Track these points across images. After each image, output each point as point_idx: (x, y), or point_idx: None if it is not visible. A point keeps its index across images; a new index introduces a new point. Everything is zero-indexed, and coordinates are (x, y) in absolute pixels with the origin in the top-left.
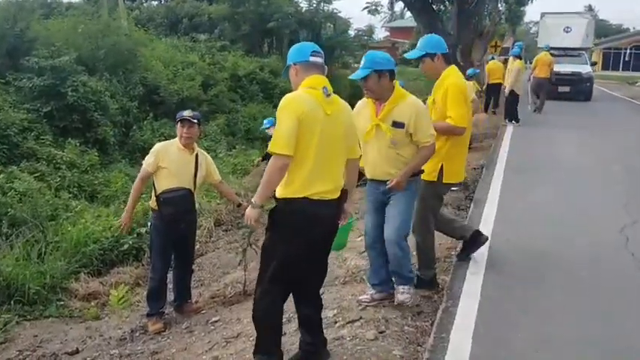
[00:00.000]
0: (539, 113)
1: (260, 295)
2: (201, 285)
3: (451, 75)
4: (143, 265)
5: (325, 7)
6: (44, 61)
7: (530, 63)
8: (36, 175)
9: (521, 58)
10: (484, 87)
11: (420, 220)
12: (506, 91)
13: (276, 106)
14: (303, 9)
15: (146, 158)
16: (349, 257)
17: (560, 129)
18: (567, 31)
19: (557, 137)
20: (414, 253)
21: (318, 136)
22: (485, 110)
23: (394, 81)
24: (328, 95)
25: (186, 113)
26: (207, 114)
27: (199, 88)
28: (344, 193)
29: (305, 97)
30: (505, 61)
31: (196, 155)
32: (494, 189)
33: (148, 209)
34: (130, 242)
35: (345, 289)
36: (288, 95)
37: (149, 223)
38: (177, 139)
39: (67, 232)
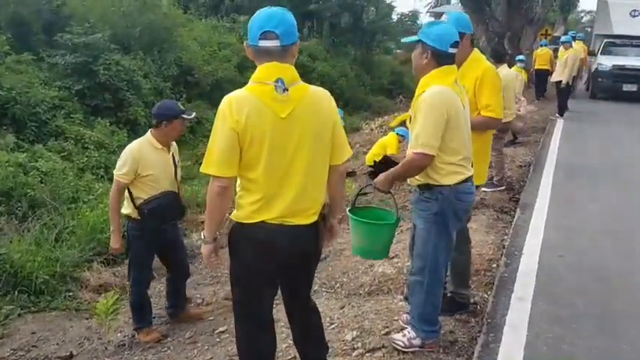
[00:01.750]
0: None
1: (235, 326)
2: (217, 282)
3: (483, 58)
4: None
5: None
6: (77, 37)
7: None
8: (63, 154)
9: (572, 47)
10: (531, 72)
11: None
12: (563, 82)
13: None
14: None
15: (118, 166)
16: (376, 263)
17: (620, 126)
18: (634, 16)
19: (617, 135)
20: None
21: (267, 147)
22: (537, 98)
23: (442, 65)
24: (285, 90)
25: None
26: None
27: (235, 70)
28: (324, 214)
29: (246, 99)
30: (555, 50)
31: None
32: (544, 192)
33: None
34: None
35: (368, 304)
36: (225, 98)
37: (125, 233)
38: (147, 137)
39: (85, 216)
